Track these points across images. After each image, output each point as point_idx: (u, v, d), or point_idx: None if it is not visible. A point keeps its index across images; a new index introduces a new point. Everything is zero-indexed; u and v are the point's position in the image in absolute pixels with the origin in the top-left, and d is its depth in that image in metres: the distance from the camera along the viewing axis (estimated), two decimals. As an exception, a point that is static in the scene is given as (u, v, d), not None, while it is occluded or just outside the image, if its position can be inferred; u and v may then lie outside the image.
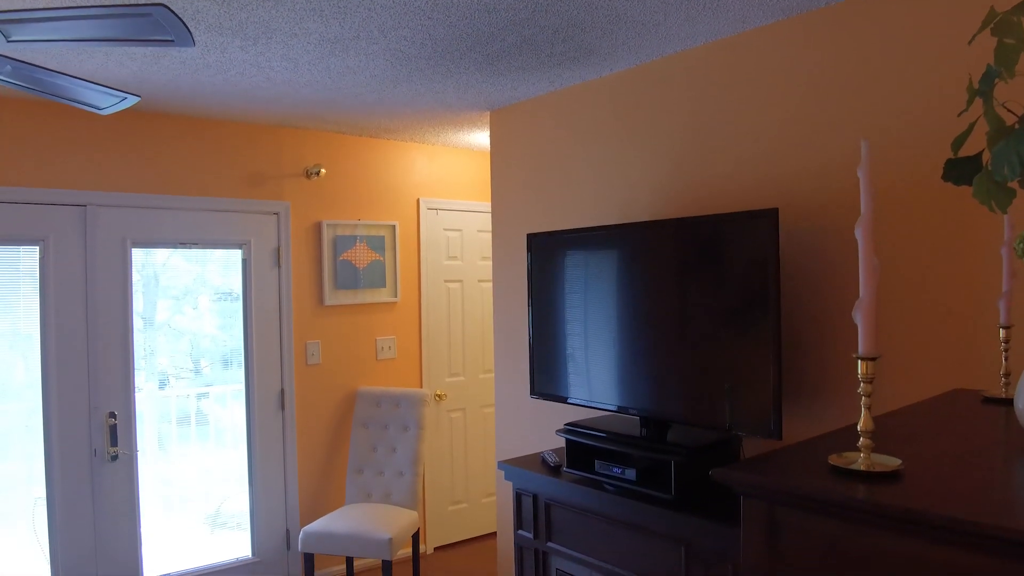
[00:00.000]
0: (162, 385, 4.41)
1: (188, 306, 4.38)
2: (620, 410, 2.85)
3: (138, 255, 4.11)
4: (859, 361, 1.10)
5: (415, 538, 4.34)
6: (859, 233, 1.10)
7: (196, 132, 4.09)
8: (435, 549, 4.97)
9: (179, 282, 4.35)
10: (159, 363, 4.37)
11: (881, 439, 1.18)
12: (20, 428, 3.79)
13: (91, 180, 3.81)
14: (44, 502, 3.75)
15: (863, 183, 1.11)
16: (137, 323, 4.22)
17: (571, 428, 2.89)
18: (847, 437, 1.25)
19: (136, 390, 3.98)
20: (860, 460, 1.12)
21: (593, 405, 2.98)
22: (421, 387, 4.86)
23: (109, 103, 2.45)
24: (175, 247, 4.16)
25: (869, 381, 1.10)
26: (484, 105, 3.88)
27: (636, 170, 3.21)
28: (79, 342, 3.78)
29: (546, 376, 3.20)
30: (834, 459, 1.15)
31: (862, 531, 1.01)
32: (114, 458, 3.85)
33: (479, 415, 5.13)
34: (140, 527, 3.95)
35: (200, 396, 4.58)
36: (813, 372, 2.59)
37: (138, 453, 3.95)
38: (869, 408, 1.11)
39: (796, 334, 2.61)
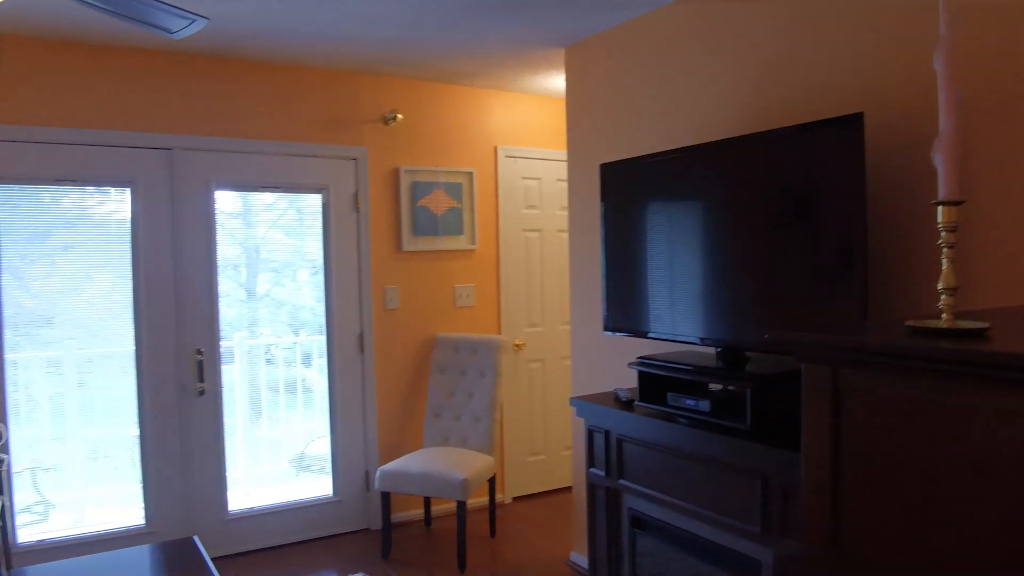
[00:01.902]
0: (253, 335, 4.55)
1: (287, 279, 4.47)
2: (696, 341, 2.72)
3: (238, 227, 4.23)
4: (939, 207, 0.96)
5: (491, 486, 4.33)
6: (938, 60, 0.96)
7: (276, 78, 4.14)
8: (513, 499, 4.96)
9: (279, 256, 4.45)
10: (261, 332, 4.51)
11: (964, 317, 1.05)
12: (120, 369, 3.97)
13: (177, 124, 3.92)
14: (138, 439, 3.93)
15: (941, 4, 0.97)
16: (239, 294, 4.35)
17: (644, 360, 2.79)
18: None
19: (222, 337, 4.10)
20: (942, 319, 0.99)
21: (668, 338, 2.86)
22: (499, 335, 4.83)
23: (180, 26, 2.47)
24: (256, 190, 4.24)
25: (952, 229, 0.97)
26: (558, 41, 3.77)
27: (715, 92, 3.04)
28: (167, 281, 3.92)
29: (620, 310, 3.09)
30: (912, 321, 1.02)
31: (941, 387, 0.89)
32: (200, 393, 3.99)
33: (559, 366, 5.06)
34: (225, 460, 4.09)
35: (287, 348, 4.70)
36: (898, 296, 2.39)
37: (223, 390, 4.08)
38: (952, 260, 0.98)
39: (882, 256, 2.41)
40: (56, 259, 3.79)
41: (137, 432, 3.93)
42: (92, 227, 3.86)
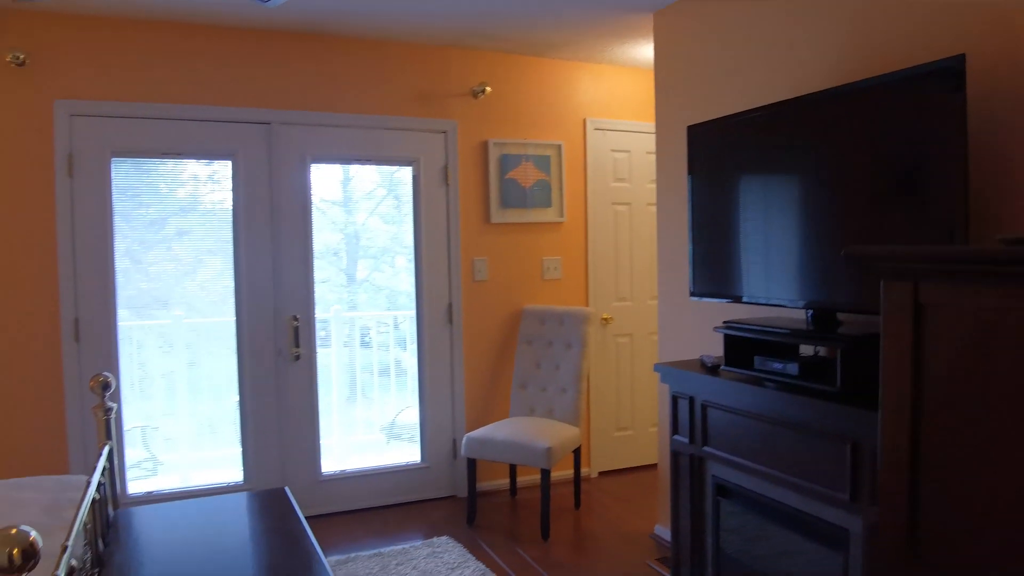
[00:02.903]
0: (351, 309, 4.70)
1: (386, 264, 4.58)
2: (786, 303, 2.62)
3: (339, 215, 4.37)
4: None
5: (576, 458, 4.32)
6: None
7: (368, 53, 4.24)
8: (599, 474, 4.93)
9: (377, 242, 4.56)
10: (360, 317, 4.66)
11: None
12: (223, 341, 4.16)
13: (275, 99, 4.07)
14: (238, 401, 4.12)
15: None
16: (340, 279, 4.50)
17: (730, 323, 2.71)
18: None
19: (316, 303, 4.25)
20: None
21: (757, 300, 2.77)
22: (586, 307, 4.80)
23: (273, -9, 2.57)
24: (349, 163, 4.36)
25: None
26: (646, 6, 3.70)
27: (807, 47, 2.91)
28: (265, 249, 4.08)
29: (706, 274, 3.02)
30: (1001, 236, 0.95)
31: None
32: (296, 358, 4.15)
33: (647, 342, 4.99)
34: (319, 423, 4.24)
35: (381, 324, 4.82)
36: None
37: (317, 355, 4.22)
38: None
39: (984, 209, 2.24)
40: (172, 244, 4.02)
41: (237, 397, 4.12)
42: (203, 215, 4.06)
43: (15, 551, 1.18)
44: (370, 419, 4.92)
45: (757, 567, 2.64)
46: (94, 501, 2.24)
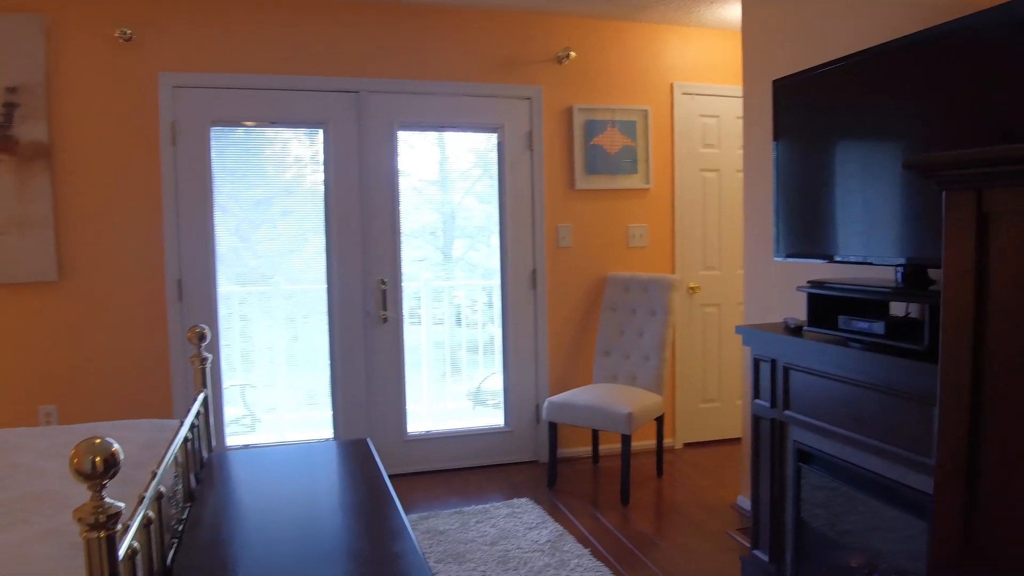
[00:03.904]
0: (445, 294, 4.80)
1: (481, 243, 4.64)
2: (876, 261, 2.51)
3: (436, 194, 4.46)
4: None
5: (659, 427, 4.28)
6: None
7: (453, 20, 4.28)
8: (684, 445, 4.87)
9: (472, 221, 4.63)
10: (456, 297, 4.76)
11: None
12: (318, 308, 4.32)
13: (363, 68, 4.17)
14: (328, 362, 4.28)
15: None
16: (436, 257, 4.60)
17: (814, 282, 2.62)
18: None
19: (411, 277, 4.35)
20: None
21: (845, 259, 2.66)
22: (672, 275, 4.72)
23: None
24: (435, 129, 4.42)
25: None
26: (738, -41, 3.57)
27: (909, -4, 2.74)
28: (354, 215, 4.20)
29: (793, 234, 2.92)
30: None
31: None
32: (384, 320, 4.27)
33: (735, 312, 4.87)
34: (405, 384, 4.35)
35: (468, 289, 4.89)
36: None
37: (404, 317, 4.33)
38: None
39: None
40: (277, 223, 4.21)
41: (328, 359, 4.28)
42: (305, 195, 4.21)
43: (98, 459, 1.28)
44: (458, 387, 5.02)
45: (838, 534, 2.56)
46: (187, 440, 2.39)
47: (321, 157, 4.19)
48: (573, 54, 4.43)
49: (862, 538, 2.49)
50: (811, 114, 2.82)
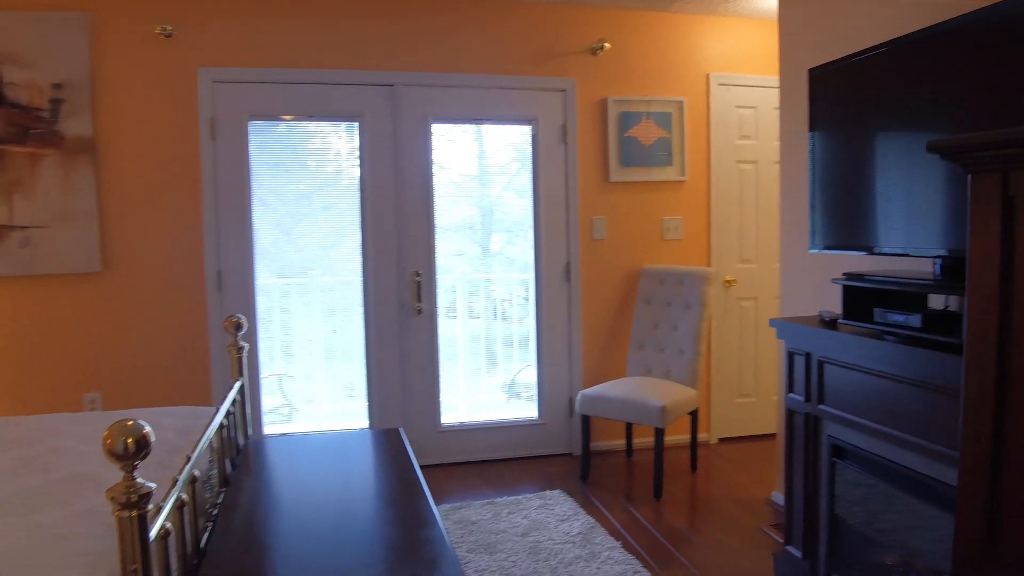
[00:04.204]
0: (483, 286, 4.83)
1: (519, 238, 4.64)
2: (914, 252, 2.45)
3: (475, 188, 4.49)
4: None
5: (694, 421, 4.25)
6: None
7: (487, 12, 4.28)
8: (719, 440, 4.82)
9: (511, 216, 4.64)
10: (494, 292, 4.78)
11: None
12: (354, 291, 4.37)
13: (397, 62, 4.20)
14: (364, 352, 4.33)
15: None
16: (475, 251, 4.63)
17: (850, 275, 2.57)
18: None
19: (439, 261, 4.38)
20: None
21: (882, 250, 2.60)
22: (707, 268, 4.67)
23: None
24: (469, 122, 4.43)
25: None
26: (776, -54, 3.51)
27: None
28: (389, 208, 4.24)
29: (830, 226, 2.87)
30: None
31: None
32: (418, 312, 4.30)
33: (772, 306, 4.80)
34: (439, 375, 4.39)
35: (505, 282, 4.91)
36: None
37: (438, 309, 4.36)
38: None
39: None
40: (318, 218, 4.28)
41: (363, 351, 4.33)
42: (345, 190, 4.27)
43: (130, 440, 1.32)
44: (494, 380, 5.04)
45: (873, 531, 2.52)
46: (222, 427, 2.44)
47: (357, 151, 4.23)
48: (608, 45, 4.40)
49: (898, 535, 2.44)
50: (848, 103, 2.76)
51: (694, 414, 4.22)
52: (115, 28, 3.83)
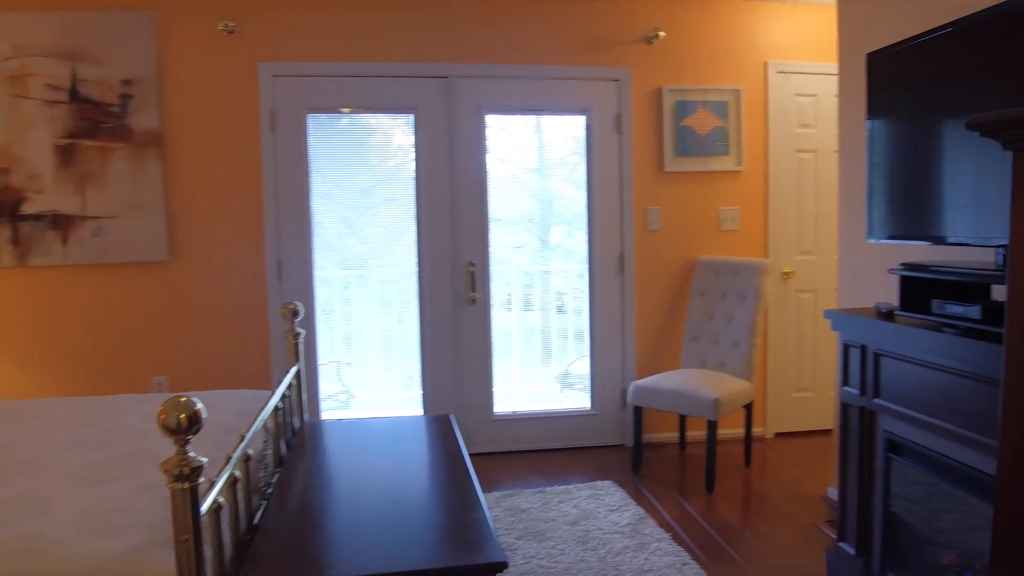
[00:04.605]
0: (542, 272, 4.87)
1: (578, 230, 4.64)
2: (978, 241, 2.37)
3: (534, 181, 4.52)
4: None
5: (748, 414, 4.19)
6: None
7: (540, 2, 4.28)
8: (775, 435, 4.74)
9: (570, 208, 4.66)
10: (553, 284, 4.81)
11: None
12: (409, 282, 4.45)
13: (451, 53, 4.24)
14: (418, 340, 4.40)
15: None
16: (534, 243, 4.67)
17: (907, 265, 2.50)
18: None
19: (497, 253, 4.41)
20: None
21: (943, 241, 2.52)
22: (764, 259, 4.59)
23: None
24: (522, 113, 4.45)
25: None
26: (837, -72, 3.42)
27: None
28: (444, 197, 4.29)
29: (887, 215, 2.79)
30: None
31: None
32: (472, 302, 4.34)
33: (832, 298, 4.68)
34: (492, 364, 4.43)
35: (561, 273, 4.92)
36: None
37: (491, 299, 4.40)
38: None
39: None
40: (380, 210, 4.38)
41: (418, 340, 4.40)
42: (406, 183, 4.33)
43: (182, 416, 1.38)
44: (549, 371, 5.06)
45: (928, 529, 2.45)
46: (277, 409, 2.52)
47: (412, 143, 4.30)
48: (663, 34, 4.36)
49: (955, 535, 2.38)
50: (909, 88, 2.68)
51: (749, 407, 4.16)
52: (180, 25, 3.97)
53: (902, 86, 2.72)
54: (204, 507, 1.51)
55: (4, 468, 2.04)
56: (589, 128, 4.43)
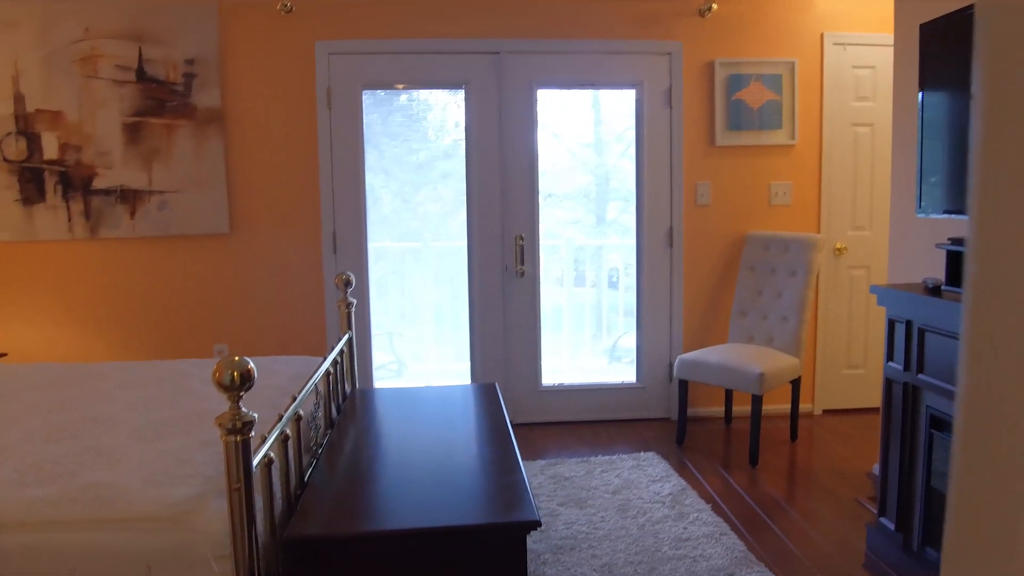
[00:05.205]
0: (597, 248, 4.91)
1: (635, 206, 4.65)
2: None
3: (590, 156, 4.55)
4: None
5: (795, 390, 4.18)
6: None
7: (593, -24, 4.28)
8: (824, 412, 4.71)
9: (625, 185, 4.67)
10: (608, 259, 4.85)
11: None
12: (461, 255, 4.55)
13: (502, 29, 4.27)
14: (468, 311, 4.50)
15: None
16: (590, 219, 4.71)
17: (955, 239, 2.47)
18: None
19: (548, 227, 4.47)
20: None
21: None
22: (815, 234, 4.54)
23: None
24: (574, 87, 4.47)
25: None
26: None
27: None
28: (493, 173, 4.36)
29: (940, 189, 2.75)
30: None
31: None
32: (520, 275, 4.42)
33: (885, 275, 4.61)
34: (540, 336, 4.50)
35: (612, 248, 4.96)
36: None
37: (540, 272, 4.46)
38: None
39: None
40: (437, 186, 4.47)
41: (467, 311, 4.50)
42: (462, 159, 4.40)
43: (235, 373, 1.49)
44: (600, 344, 5.12)
45: (970, 504, 2.44)
46: (328, 374, 2.65)
47: (463, 118, 4.37)
48: (715, 6, 4.31)
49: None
50: (962, 59, 2.63)
51: (796, 383, 4.15)
52: (240, 7, 4.10)
53: (955, 57, 2.66)
54: (256, 460, 1.62)
55: (78, 424, 2.21)
56: (639, 102, 4.43)
